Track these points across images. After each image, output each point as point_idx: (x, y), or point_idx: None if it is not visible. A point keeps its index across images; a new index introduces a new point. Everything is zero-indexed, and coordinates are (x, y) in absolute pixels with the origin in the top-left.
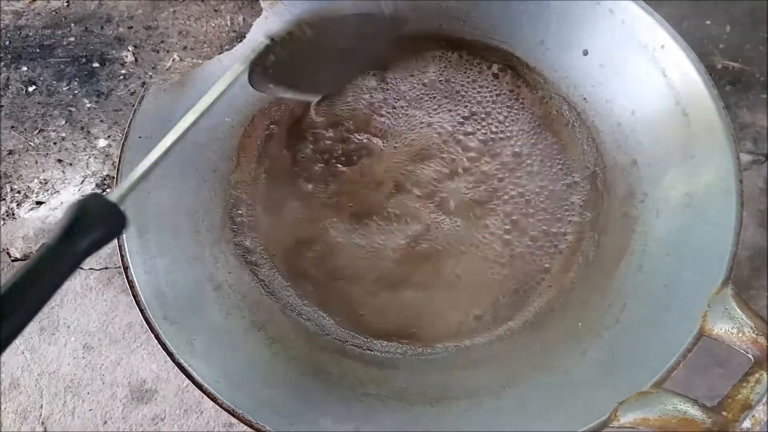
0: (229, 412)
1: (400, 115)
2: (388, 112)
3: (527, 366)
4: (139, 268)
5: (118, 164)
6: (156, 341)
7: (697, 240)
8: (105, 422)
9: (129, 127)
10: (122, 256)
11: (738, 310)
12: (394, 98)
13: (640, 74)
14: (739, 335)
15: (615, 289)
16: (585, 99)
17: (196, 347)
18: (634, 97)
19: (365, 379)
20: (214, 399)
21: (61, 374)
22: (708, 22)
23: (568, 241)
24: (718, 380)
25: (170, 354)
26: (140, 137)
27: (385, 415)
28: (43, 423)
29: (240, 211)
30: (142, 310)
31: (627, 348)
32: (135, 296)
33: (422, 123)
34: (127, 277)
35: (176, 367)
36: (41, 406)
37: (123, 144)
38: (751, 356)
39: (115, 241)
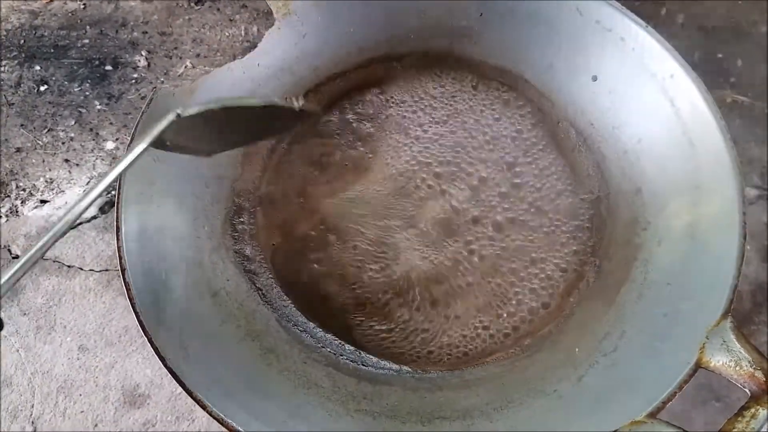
0: (218, 420)
1: (402, 131)
2: (391, 127)
3: (522, 389)
4: (137, 271)
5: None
6: (149, 345)
7: (699, 271)
8: (96, 425)
9: (136, 129)
10: (120, 258)
11: (736, 343)
12: (399, 114)
13: (649, 103)
14: (737, 369)
15: (614, 316)
16: (592, 125)
17: (189, 353)
18: (641, 126)
19: (357, 394)
20: (204, 406)
21: (54, 374)
22: (720, 56)
23: (569, 266)
24: (715, 414)
25: (162, 359)
26: None
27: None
28: (33, 423)
29: (242, 219)
30: (137, 313)
31: (623, 376)
32: (131, 299)
33: (423, 140)
34: (124, 278)
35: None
36: (32, 406)
37: (129, 145)
38: (747, 390)
39: (115, 241)
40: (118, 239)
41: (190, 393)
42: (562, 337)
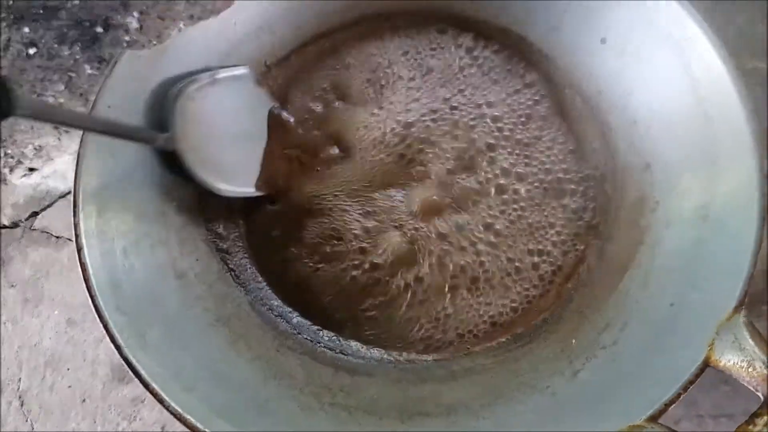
0: (176, 416)
1: (390, 94)
2: (378, 91)
3: (512, 384)
4: (95, 251)
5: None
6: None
7: (711, 257)
8: (84, 400)
9: (97, 95)
10: (77, 236)
11: (750, 340)
12: (394, 76)
13: (662, 68)
14: (749, 370)
15: (616, 305)
16: (600, 92)
17: (147, 341)
18: (653, 93)
19: (334, 386)
20: (161, 400)
21: (42, 348)
22: (740, 19)
23: (568, 248)
24: (723, 398)
25: (118, 347)
26: (109, 107)
27: (351, 428)
28: (20, 397)
29: None
30: (92, 297)
31: (623, 373)
32: (86, 281)
33: (414, 105)
34: (80, 259)
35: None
36: (20, 380)
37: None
38: (760, 395)
39: (71, 219)
40: (74, 215)
41: (146, 385)
42: (558, 326)
